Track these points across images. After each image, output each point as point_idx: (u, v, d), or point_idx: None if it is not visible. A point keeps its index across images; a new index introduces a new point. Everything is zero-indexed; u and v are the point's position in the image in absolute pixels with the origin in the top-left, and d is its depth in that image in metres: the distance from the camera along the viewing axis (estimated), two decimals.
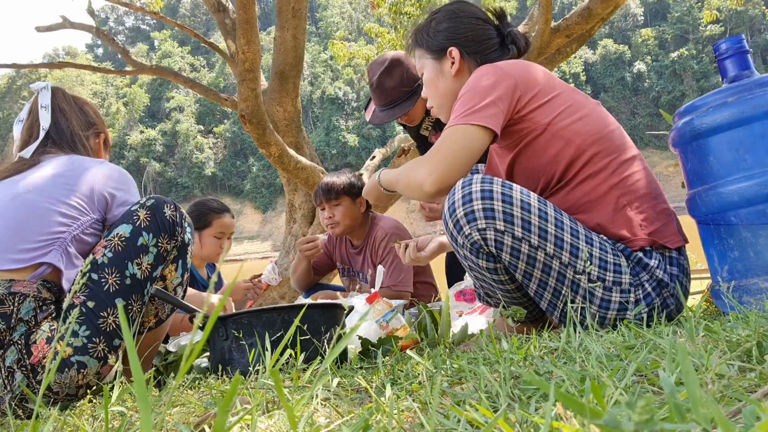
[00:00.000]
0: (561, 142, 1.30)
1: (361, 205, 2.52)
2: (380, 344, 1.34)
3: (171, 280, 1.30)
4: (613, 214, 1.28)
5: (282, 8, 4.18)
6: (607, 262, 1.24)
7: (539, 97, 1.32)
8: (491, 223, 1.19)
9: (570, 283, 1.23)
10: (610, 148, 1.31)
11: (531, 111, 1.31)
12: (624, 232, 1.28)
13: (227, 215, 2.56)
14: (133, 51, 19.52)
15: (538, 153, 1.33)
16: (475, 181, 1.22)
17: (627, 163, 1.32)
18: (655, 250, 1.28)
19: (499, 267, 1.27)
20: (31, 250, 1.16)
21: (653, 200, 1.32)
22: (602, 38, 68.67)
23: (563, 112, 1.32)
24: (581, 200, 1.31)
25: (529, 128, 1.32)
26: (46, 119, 1.39)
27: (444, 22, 1.50)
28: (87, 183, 1.27)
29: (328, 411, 0.69)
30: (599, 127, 1.33)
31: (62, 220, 1.21)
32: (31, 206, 1.20)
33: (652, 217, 1.29)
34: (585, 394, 0.52)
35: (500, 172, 1.47)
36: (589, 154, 1.30)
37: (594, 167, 1.30)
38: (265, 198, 69.86)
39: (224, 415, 0.33)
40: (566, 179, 1.32)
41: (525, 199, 1.21)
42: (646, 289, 1.25)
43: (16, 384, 1.10)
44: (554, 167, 1.32)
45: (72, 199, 1.24)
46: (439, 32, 1.50)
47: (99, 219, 1.29)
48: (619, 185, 1.29)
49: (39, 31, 5.50)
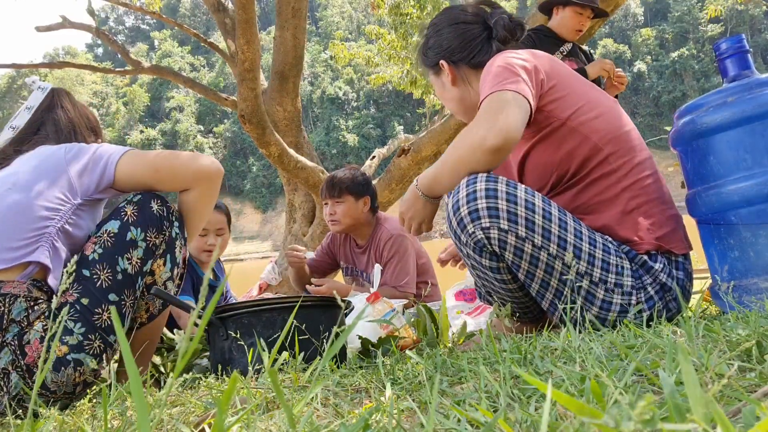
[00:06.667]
0: (578, 138, 1.29)
1: (365, 204, 2.52)
2: (380, 344, 1.34)
3: (160, 274, 1.29)
4: (621, 216, 1.28)
5: (282, 8, 4.18)
6: (610, 264, 1.23)
7: (558, 89, 1.31)
8: (495, 222, 1.19)
9: (571, 284, 1.23)
10: (626, 149, 1.31)
11: (550, 102, 1.30)
12: (631, 235, 1.27)
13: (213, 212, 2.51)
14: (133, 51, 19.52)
15: (554, 147, 1.32)
16: (480, 180, 1.21)
17: (640, 166, 1.31)
18: (661, 255, 1.27)
19: (502, 266, 1.27)
20: (17, 248, 1.15)
21: (662, 205, 1.31)
22: (602, 38, 68.63)
23: (582, 108, 1.31)
24: (592, 200, 1.30)
25: (548, 121, 1.31)
26: (22, 118, 1.38)
27: (431, 38, 1.54)
28: (60, 170, 1.26)
29: (328, 411, 0.69)
30: (616, 126, 1.32)
31: (45, 214, 1.20)
32: (13, 204, 1.18)
33: (660, 222, 1.29)
34: (585, 394, 0.52)
35: (511, 165, 1.46)
36: (605, 153, 1.29)
37: (609, 167, 1.29)
38: (265, 198, 69.86)
39: (223, 415, 0.33)
40: (579, 176, 1.31)
41: (529, 199, 1.21)
42: (649, 292, 1.24)
43: (12, 385, 1.09)
44: (569, 163, 1.31)
45: (51, 190, 1.23)
46: (429, 49, 1.55)
47: (81, 203, 1.27)
48: (631, 187, 1.28)
49: (39, 31, 5.51)
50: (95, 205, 1.32)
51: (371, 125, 67.45)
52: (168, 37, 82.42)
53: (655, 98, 65.34)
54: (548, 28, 2.71)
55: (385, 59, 9.44)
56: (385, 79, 9.54)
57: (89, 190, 1.28)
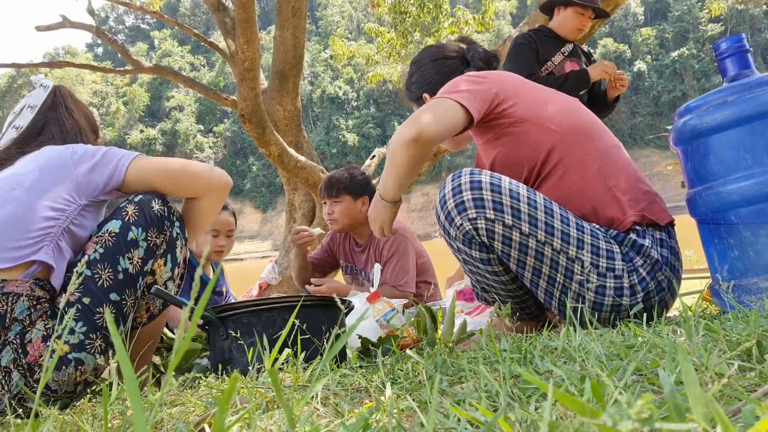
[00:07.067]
0: (540, 131, 1.36)
1: (363, 204, 2.51)
2: (380, 344, 1.34)
3: (161, 274, 1.30)
4: (602, 195, 1.32)
5: (282, 7, 4.17)
6: (600, 248, 1.26)
7: (514, 95, 1.40)
8: (481, 212, 1.23)
9: (564, 270, 1.25)
10: (591, 135, 1.37)
11: (509, 107, 1.38)
12: (615, 212, 1.31)
13: (224, 213, 2.54)
14: (133, 50, 19.51)
15: (519, 141, 1.38)
16: (464, 173, 1.27)
17: (609, 150, 1.37)
18: (647, 229, 1.31)
19: (492, 257, 1.30)
20: (21, 248, 1.15)
21: (638, 182, 1.37)
22: (602, 37, 68.56)
23: (541, 105, 1.39)
24: (571, 187, 1.34)
25: (509, 121, 1.38)
26: (25, 117, 1.38)
27: (414, 74, 1.69)
28: (67, 170, 1.26)
29: (328, 410, 0.69)
30: (576, 117, 1.40)
31: (51, 214, 1.20)
32: (19, 204, 1.19)
33: (638, 197, 1.34)
34: (585, 394, 0.52)
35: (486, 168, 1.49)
36: (569, 141, 1.35)
37: (577, 154, 1.34)
38: (265, 197, 69.82)
39: (223, 414, 0.33)
40: (551, 166, 1.36)
41: (514, 188, 1.25)
42: (641, 273, 1.27)
43: (13, 384, 1.10)
44: (536, 154, 1.36)
45: (57, 190, 1.23)
46: (412, 84, 1.70)
47: (87, 204, 1.27)
48: (604, 168, 1.34)
49: (39, 30, 5.51)
50: (100, 206, 1.33)
51: (371, 125, 67.42)
52: (168, 36, 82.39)
53: (655, 98, 65.32)
54: (549, 29, 2.71)
55: (385, 57, 9.44)
56: (382, 77, 9.52)
57: (96, 190, 1.29)
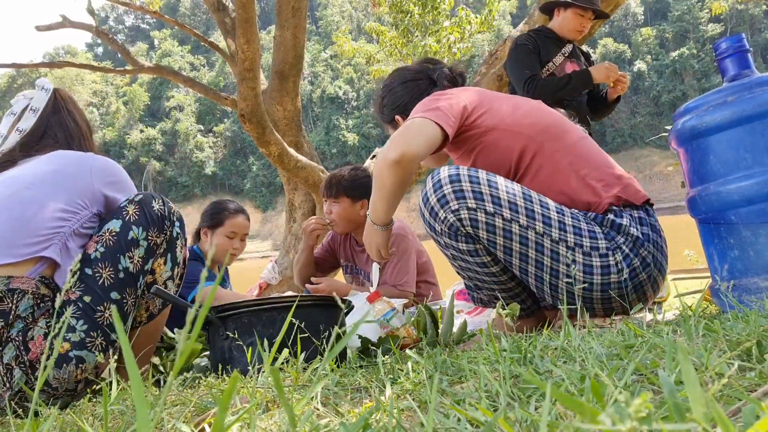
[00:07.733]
0: (510, 135, 1.42)
1: (362, 207, 2.51)
2: (380, 344, 1.34)
3: (160, 273, 1.31)
4: (577, 183, 1.37)
5: (282, 7, 4.18)
6: (582, 229, 1.30)
7: (482, 106, 1.47)
8: (462, 202, 1.28)
9: (550, 252, 1.28)
10: (558, 133, 1.43)
11: (477, 117, 1.44)
12: (591, 197, 1.36)
13: (241, 216, 2.58)
14: (133, 50, 19.52)
15: (492, 149, 1.44)
16: (443, 170, 1.33)
17: (577, 143, 1.43)
18: (624, 210, 1.35)
19: (479, 248, 1.33)
20: (31, 244, 1.17)
21: (609, 168, 1.42)
22: (602, 37, 68.55)
23: (506, 113, 1.45)
24: (545, 181, 1.39)
25: (479, 132, 1.44)
26: (28, 121, 1.39)
27: (385, 97, 1.76)
28: (84, 178, 1.29)
29: (328, 410, 0.69)
30: (542, 119, 1.46)
31: (62, 215, 1.22)
32: (31, 202, 1.20)
33: (611, 181, 1.38)
34: (585, 394, 0.52)
35: None
36: (538, 141, 1.40)
37: (548, 151, 1.40)
38: (265, 197, 69.82)
39: (223, 414, 0.33)
40: (525, 166, 1.41)
41: (491, 178, 1.31)
42: (624, 251, 1.30)
43: (14, 381, 1.10)
44: (509, 157, 1.42)
45: (71, 193, 1.26)
46: (384, 107, 1.76)
47: (97, 213, 1.31)
48: (574, 162, 1.39)
49: (39, 30, 5.51)
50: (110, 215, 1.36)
51: (371, 124, 67.34)
52: (168, 36, 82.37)
53: (655, 98, 65.30)
54: (549, 29, 2.72)
55: (386, 56, 9.44)
56: (385, 72, 9.53)
57: (114, 204, 1.33)
